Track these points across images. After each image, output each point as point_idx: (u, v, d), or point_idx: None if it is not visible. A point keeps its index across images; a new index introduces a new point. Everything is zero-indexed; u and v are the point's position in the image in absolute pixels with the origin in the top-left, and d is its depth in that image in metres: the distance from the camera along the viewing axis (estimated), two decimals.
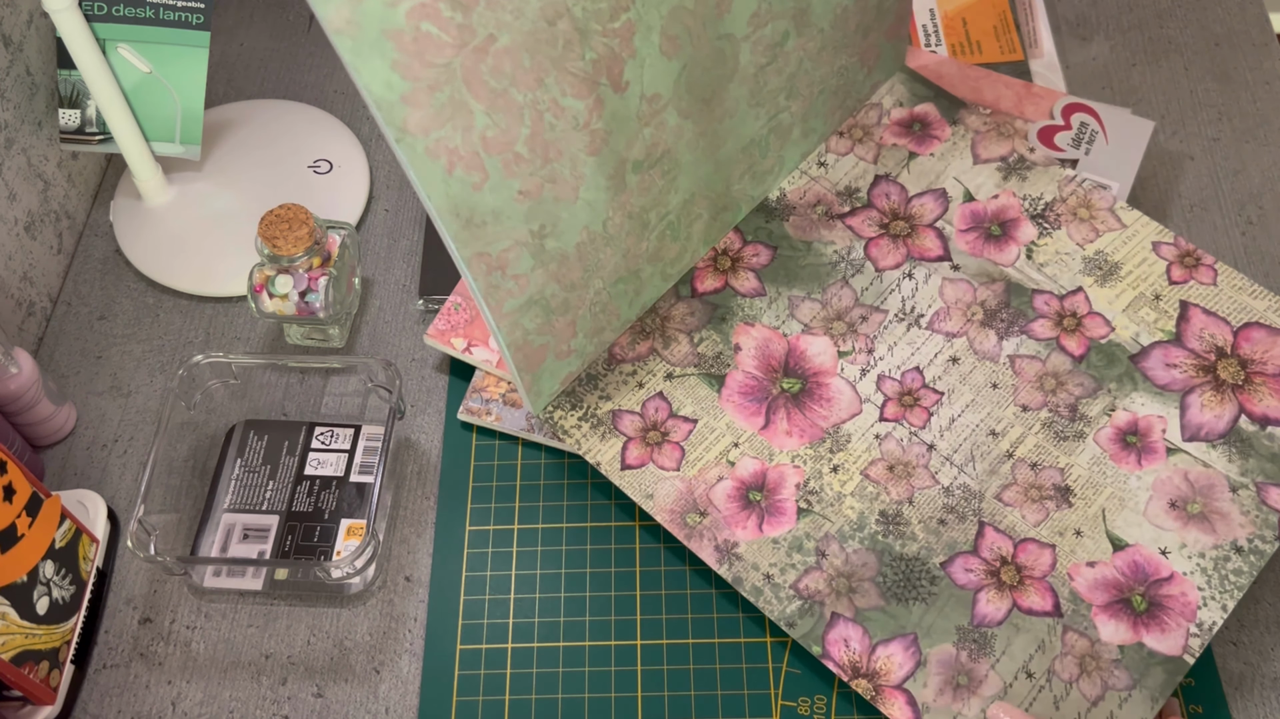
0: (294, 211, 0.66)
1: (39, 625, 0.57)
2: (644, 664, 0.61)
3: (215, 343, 0.73)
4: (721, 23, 0.57)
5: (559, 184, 0.54)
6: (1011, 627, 0.57)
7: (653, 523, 0.65)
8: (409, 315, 0.74)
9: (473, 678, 0.61)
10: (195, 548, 0.64)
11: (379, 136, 0.82)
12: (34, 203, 0.73)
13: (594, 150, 0.54)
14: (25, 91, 0.72)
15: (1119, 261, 0.67)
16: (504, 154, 0.50)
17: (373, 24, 0.44)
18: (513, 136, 0.50)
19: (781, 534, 0.60)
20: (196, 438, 0.67)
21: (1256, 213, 0.75)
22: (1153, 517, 0.60)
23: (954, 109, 0.73)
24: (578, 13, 0.50)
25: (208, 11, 0.70)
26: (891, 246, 0.69)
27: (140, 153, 0.73)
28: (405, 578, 0.64)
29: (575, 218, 0.56)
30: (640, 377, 0.65)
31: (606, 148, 0.55)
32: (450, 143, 0.48)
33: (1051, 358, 0.64)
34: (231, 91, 0.85)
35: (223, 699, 0.61)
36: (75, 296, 0.75)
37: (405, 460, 0.68)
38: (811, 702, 0.60)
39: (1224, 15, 0.85)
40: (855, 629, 0.58)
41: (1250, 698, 0.59)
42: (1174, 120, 0.80)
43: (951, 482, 0.61)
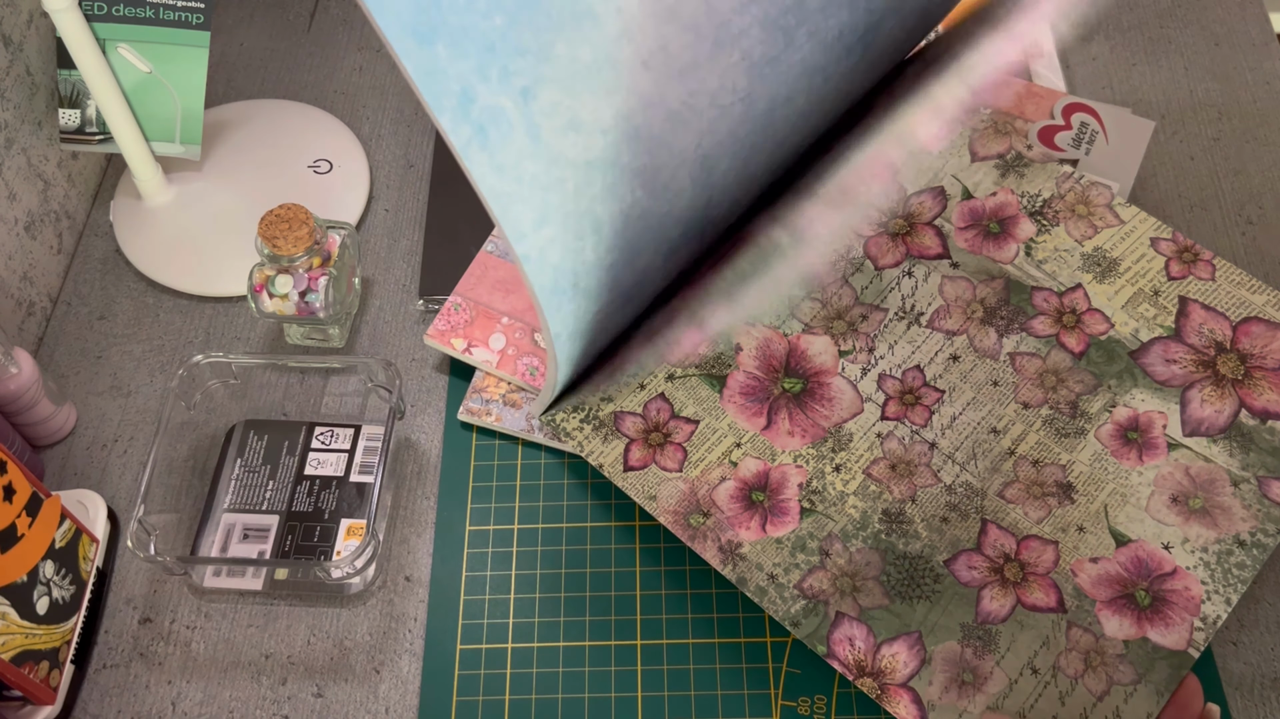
0: (294, 211, 0.66)
1: (39, 625, 0.57)
2: (644, 664, 0.61)
3: (215, 343, 0.73)
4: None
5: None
6: (1016, 623, 0.57)
7: (653, 523, 0.65)
8: (409, 315, 0.74)
9: (473, 678, 0.61)
10: (195, 548, 0.64)
11: (379, 136, 0.82)
12: (34, 203, 0.73)
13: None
14: (25, 91, 0.72)
15: (1118, 258, 0.67)
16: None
17: None
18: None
19: (785, 534, 0.60)
20: (196, 438, 0.67)
21: (1256, 213, 0.75)
22: (1155, 512, 0.60)
23: None
24: None
25: (208, 11, 0.70)
26: (890, 244, 0.69)
27: (140, 153, 0.73)
28: (405, 578, 0.64)
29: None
30: (641, 378, 0.65)
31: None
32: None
33: (1051, 355, 0.64)
34: (231, 91, 0.85)
35: (223, 699, 0.61)
36: (75, 296, 0.75)
37: (405, 460, 0.68)
38: (811, 702, 0.60)
39: (1224, 15, 0.85)
40: (860, 628, 0.58)
41: (1250, 698, 0.59)
42: (1174, 120, 0.80)
43: (954, 480, 0.61)
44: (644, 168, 0.48)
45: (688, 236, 0.54)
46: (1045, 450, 0.62)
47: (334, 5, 0.89)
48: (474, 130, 0.40)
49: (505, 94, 0.41)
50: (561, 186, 0.44)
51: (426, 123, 0.83)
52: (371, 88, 0.84)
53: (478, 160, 0.41)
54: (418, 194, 0.79)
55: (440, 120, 0.39)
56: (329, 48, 0.87)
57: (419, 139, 0.82)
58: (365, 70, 0.85)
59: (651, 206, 0.49)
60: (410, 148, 0.81)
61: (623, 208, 0.48)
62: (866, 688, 0.57)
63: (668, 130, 0.48)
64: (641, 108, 0.46)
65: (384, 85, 0.85)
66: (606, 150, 0.45)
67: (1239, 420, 0.62)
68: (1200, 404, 0.62)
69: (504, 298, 0.69)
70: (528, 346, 0.68)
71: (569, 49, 0.42)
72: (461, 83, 0.39)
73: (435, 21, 0.39)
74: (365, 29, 0.88)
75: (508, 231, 0.43)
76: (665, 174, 0.49)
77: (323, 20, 0.89)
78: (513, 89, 0.41)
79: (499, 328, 0.68)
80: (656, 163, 0.48)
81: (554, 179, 0.44)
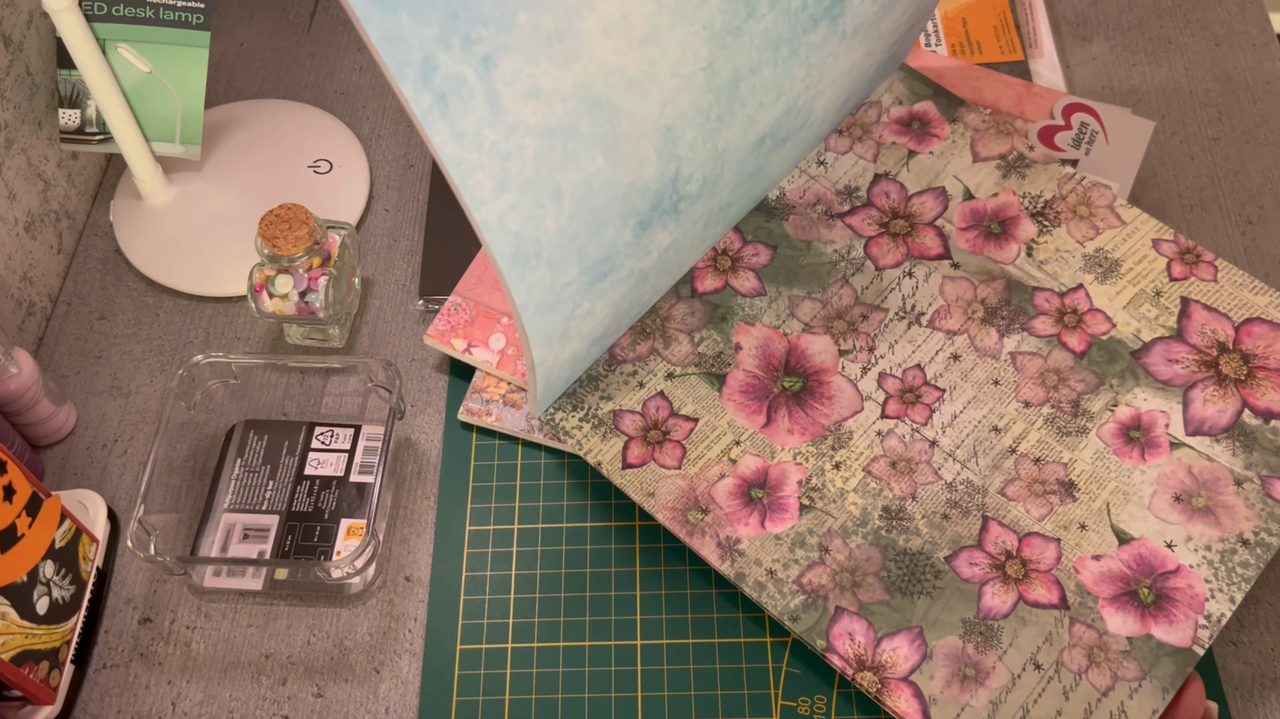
0: (294, 211, 0.66)
1: (39, 625, 0.57)
2: (644, 664, 0.61)
3: (215, 343, 0.73)
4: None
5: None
6: (1018, 619, 0.57)
7: (653, 523, 0.65)
8: (409, 315, 0.74)
9: (473, 678, 0.61)
10: (195, 548, 0.64)
11: (379, 136, 0.82)
12: (34, 203, 0.73)
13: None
14: (25, 91, 0.72)
15: (1119, 259, 0.67)
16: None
17: None
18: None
19: (784, 530, 0.60)
20: (196, 438, 0.67)
21: (1256, 213, 0.75)
22: (1157, 510, 0.60)
23: (953, 107, 0.73)
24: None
25: (208, 11, 0.70)
26: (891, 245, 0.69)
27: (140, 153, 0.73)
28: (405, 578, 0.64)
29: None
30: (641, 376, 0.65)
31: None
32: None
33: (1053, 354, 0.64)
34: (231, 91, 0.85)
35: (223, 699, 0.61)
36: (75, 297, 0.75)
37: (405, 460, 0.68)
38: (811, 702, 0.60)
39: (1224, 15, 0.85)
40: (860, 623, 0.58)
41: (1250, 698, 0.59)
42: (1174, 120, 0.80)
43: (954, 477, 0.61)
44: (605, 136, 0.48)
45: (658, 210, 0.55)
46: (1047, 448, 0.62)
47: (334, 5, 0.89)
48: (435, 98, 0.41)
49: (467, 62, 0.41)
50: (521, 154, 0.45)
51: None
52: (371, 88, 0.84)
53: (438, 128, 0.41)
54: (418, 194, 0.79)
55: (401, 88, 0.40)
56: (329, 48, 0.87)
57: (419, 139, 0.82)
58: (365, 70, 0.85)
59: (614, 176, 0.50)
60: (410, 148, 0.81)
61: (584, 176, 0.48)
62: (866, 682, 0.56)
63: (629, 99, 0.48)
64: (601, 76, 0.46)
65: (384, 85, 0.85)
66: (566, 118, 0.46)
67: (1242, 420, 0.62)
68: (1203, 404, 0.62)
69: (504, 298, 0.69)
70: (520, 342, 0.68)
71: (531, 17, 0.42)
72: (423, 51, 0.40)
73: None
74: None
75: (467, 199, 0.44)
76: (627, 143, 0.49)
77: (323, 20, 0.89)
78: (474, 57, 0.41)
79: (499, 328, 0.68)
80: (618, 131, 0.48)
81: (514, 146, 0.44)
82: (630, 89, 0.48)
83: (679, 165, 0.54)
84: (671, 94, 0.50)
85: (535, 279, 0.50)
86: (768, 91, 0.56)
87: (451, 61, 0.41)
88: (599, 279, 0.55)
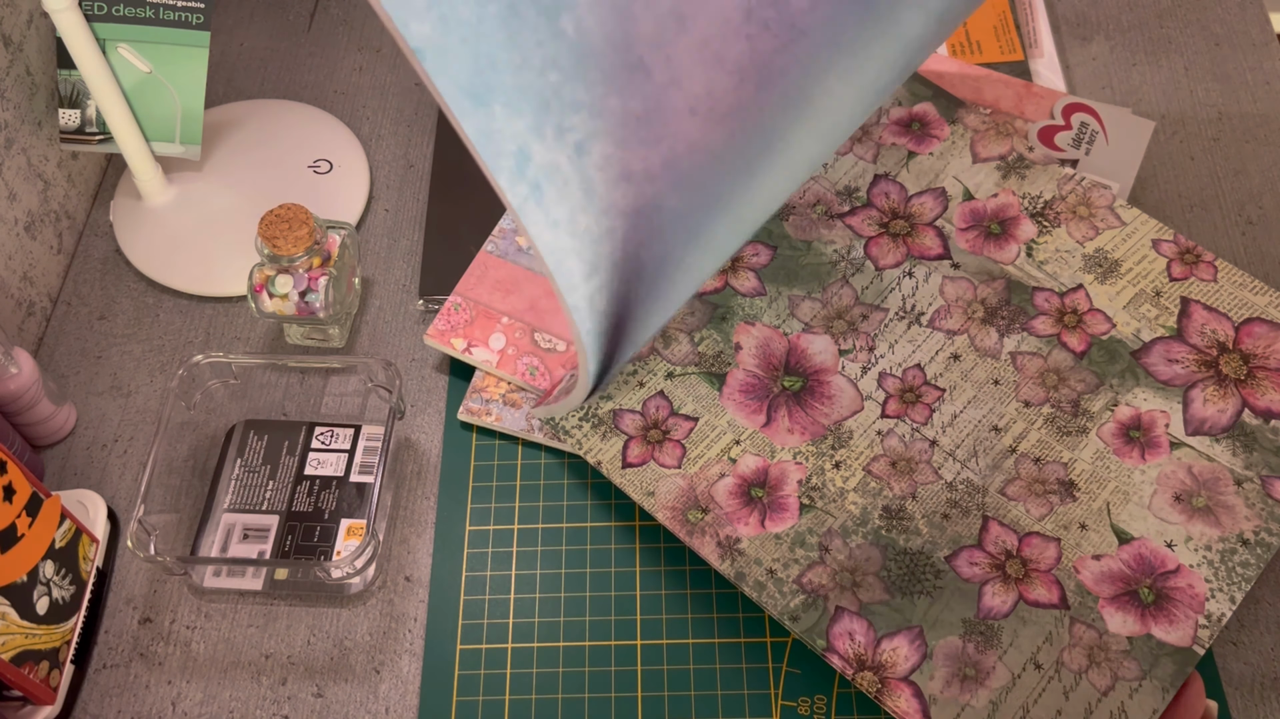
0: (294, 211, 0.66)
1: (39, 625, 0.57)
2: (644, 664, 0.61)
3: (215, 343, 0.73)
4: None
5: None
6: (1018, 619, 0.57)
7: (653, 523, 0.65)
8: (409, 315, 0.74)
9: (473, 678, 0.61)
10: (195, 548, 0.64)
11: (379, 136, 0.82)
12: (34, 203, 0.73)
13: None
14: (25, 91, 0.72)
15: (1119, 259, 0.67)
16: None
17: None
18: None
19: (784, 530, 0.60)
20: (196, 438, 0.67)
21: (1256, 213, 0.75)
22: (1157, 510, 0.60)
23: (952, 108, 0.73)
24: None
25: (208, 11, 0.70)
26: (891, 245, 0.69)
27: (140, 153, 0.73)
28: (405, 578, 0.64)
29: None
30: (641, 376, 0.65)
31: None
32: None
33: (1053, 354, 0.64)
34: (231, 91, 0.85)
35: (223, 699, 0.61)
36: (75, 297, 0.75)
37: (405, 460, 0.68)
38: (811, 702, 0.60)
39: (1224, 15, 0.85)
40: (860, 623, 0.58)
41: (1250, 698, 0.59)
42: (1174, 120, 0.80)
43: (954, 477, 0.61)
44: (686, 211, 0.48)
45: (716, 267, 0.56)
46: (1047, 448, 0.62)
47: (334, 5, 0.90)
48: (530, 189, 0.40)
49: (560, 150, 0.41)
50: (612, 236, 0.45)
51: (426, 123, 0.83)
52: (371, 88, 0.84)
53: (534, 218, 0.41)
54: (418, 194, 0.79)
55: (498, 180, 0.39)
56: (329, 48, 0.87)
57: (419, 139, 0.82)
58: (365, 70, 0.85)
59: (686, 257, 0.50)
60: (410, 148, 0.81)
61: (665, 251, 0.48)
62: (866, 682, 0.56)
63: (710, 175, 0.48)
64: (687, 153, 0.46)
65: (384, 85, 0.85)
66: (655, 197, 0.46)
67: (1242, 420, 0.62)
68: (1203, 403, 0.62)
69: (504, 298, 0.69)
70: (528, 346, 0.68)
71: (621, 101, 0.42)
72: (518, 142, 0.39)
73: (491, 82, 0.38)
74: (365, 29, 0.88)
75: (561, 285, 0.44)
76: (703, 219, 0.50)
77: (323, 20, 0.89)
78: (567, 145, 0.41)
79: (499, 328, 0.68)
80: (694, 205, 0.49)
81: (604, 229, 0.44)
82: (714, 162, 0.48)
83: (742, 229, 0.55)
84: (747, 164, 0.51)
85: (609, 348, 0.50)
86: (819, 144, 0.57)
87: (545, 151, 0.40)
88: (650, 332, 0.56)
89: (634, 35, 0.42)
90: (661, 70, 0.43)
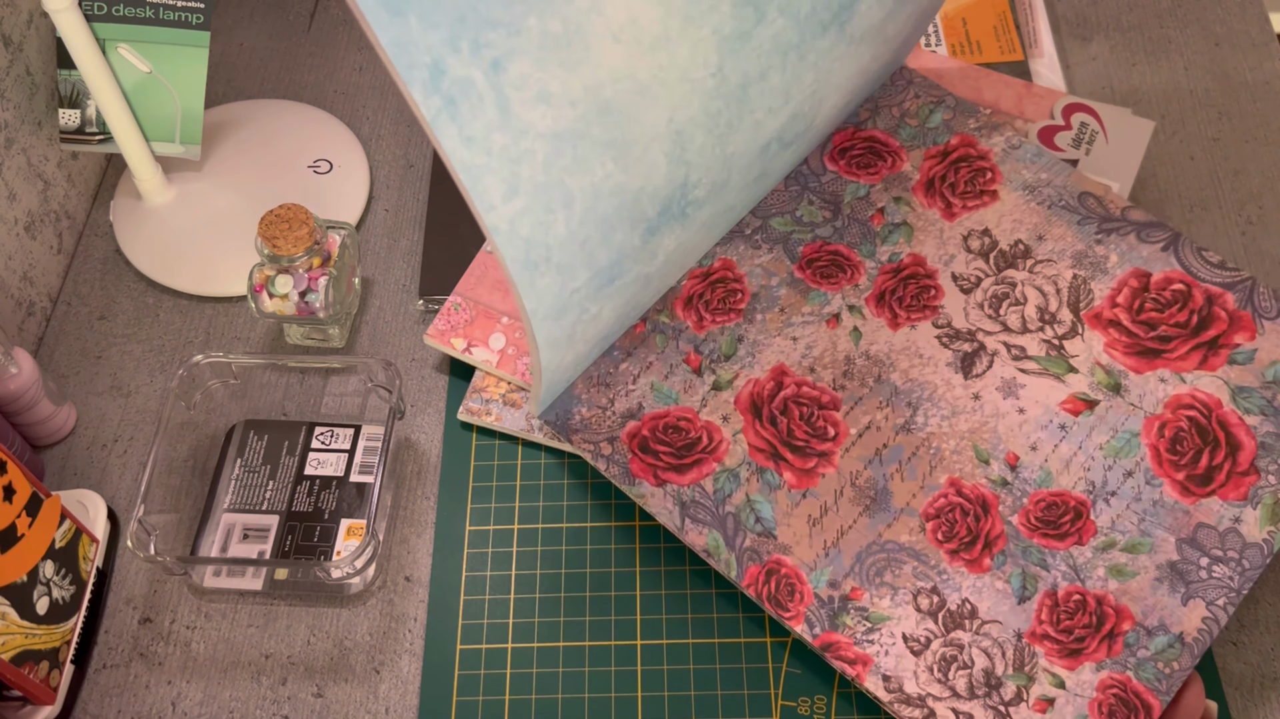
0: (294, 211, 0.66)
1: (39, 625, 0.57)
2: (644, 664, 0.61)
3: (215, 343, 0.73)
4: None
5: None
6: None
7: (653, 523, 0.65)
8: (409, 315, 0.74)
9: (473, 678, 0.61)
10: (195, 548, 0.64)
11: (379, 136, 0.82)
12: (34, 203, 0.73)
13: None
14: (25, 91, 0.72)
15: None
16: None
17: None
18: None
19: None
20: (196, 438, 0.67)
21: (1256, 213, 0.75)
22: None
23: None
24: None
25: (208, 11, 0.70)
26: None
27: (140, 153, 0.73)
28: (405, 578, 0.64)
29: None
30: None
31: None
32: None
33: None
34: (231, 91, 0.85)
35: (223, 699, 0.61)
36: (75, 297, 0.75)
37: (405, 460, 0.68)
38: (811, 702, 0.60)
39: (1224, 15, 0.85)
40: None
41: (1250, 698, 0.59)
42: (1174, 120, 0.80)
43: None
44: (614, 140, 0.48)
45: (667, 215, 0.55)
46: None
47: (334, 5, 0.89)
48: (444, 102, 0.41)
49: (476, 66, 0.41)
50: (530, 158, 0.45)
51: None
52: (371, 88, 0.84)
53: (448, 132, 0.41)
54: (418, 194, 0.79)
55: (410, 91, 0.40)
56: (329, 48, 0.87)
57: (419, 139, 0.82)
58: (365, 70, 0.85)
59: (624, 181, 0.50)
60: (410, 148, 0.81)
61: (594, 181, 0.48)
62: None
63: (638, 104, 0.48)
64: (611, 80, 0.46)
65: (384, 85, 0.85)
66: (576, 122, 0.46)
67: None
68: None
69: (504, 298, 0.69)
70: (527, 346, 0.68)
71: (540, 21, 0.42)
72: (432, 54, 0.40)
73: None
74: None
75: (477, 203, 0.44)
76: (637, 148, 0.49)
77: (323, 20, 0.89)
78: (483, 61, 0.41)
79: (499, 327, 0.68)
80: (627, 136, 0.48)
81: (523, 151, 0.44)
82: (640, 94, 0.48)
83: (688, 170, 0.54)
84: (681, 99, 0.50)
85: (545, 285, 0.50)
86: (776, 97, 0.56)
87: (460, 65, 0.41)
88: (607, 284, 0.55)
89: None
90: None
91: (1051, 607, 0.57)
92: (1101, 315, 0.64)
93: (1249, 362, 0.61)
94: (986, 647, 0.57)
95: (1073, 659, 0.56)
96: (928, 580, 0.58)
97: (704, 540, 0.60)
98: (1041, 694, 0.55)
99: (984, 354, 0.63)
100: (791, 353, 0.64)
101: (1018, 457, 0.60)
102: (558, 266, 0.50)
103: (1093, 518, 0.59)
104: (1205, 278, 0.64)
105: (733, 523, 0.60)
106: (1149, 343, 0.63)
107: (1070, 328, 0.64)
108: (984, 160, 0.69)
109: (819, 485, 0.60)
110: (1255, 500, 0.58)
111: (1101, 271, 0.65)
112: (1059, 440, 0.61)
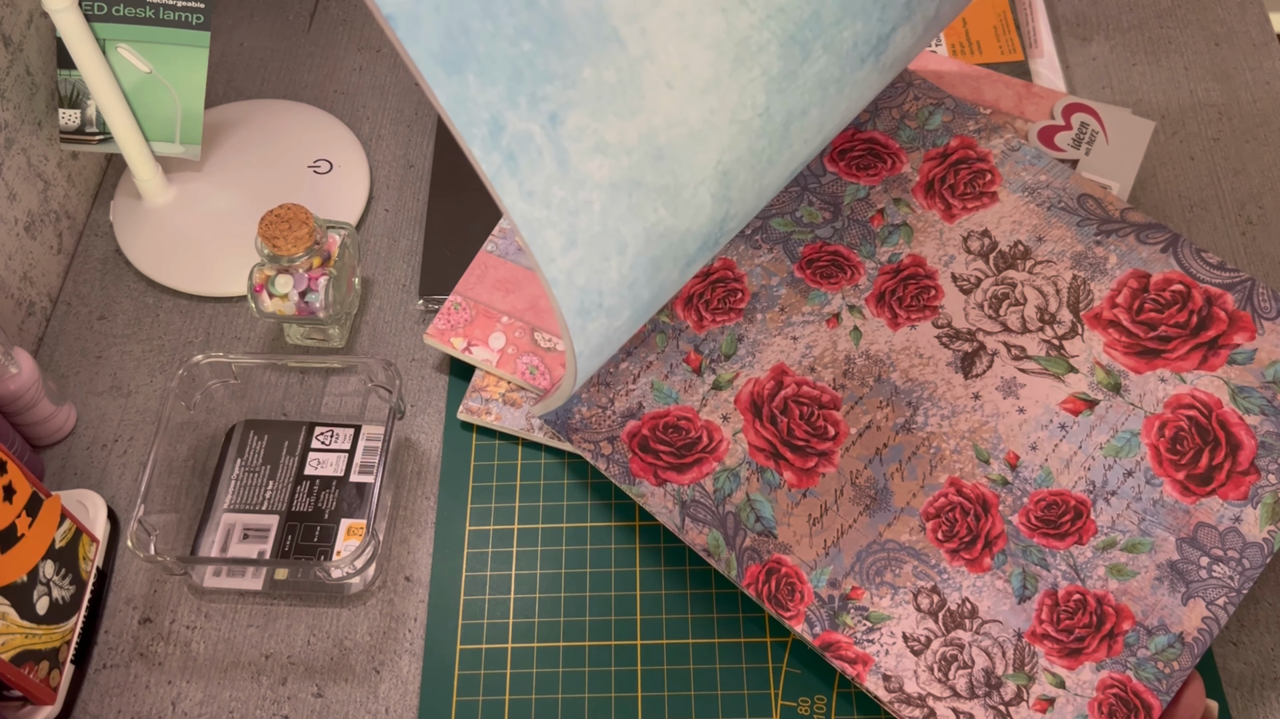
0: (294, 211, 0.66)
1: (39, 625, 0.57)
2: (644, 664, 0.61)
3: (215, 343, 0.73)
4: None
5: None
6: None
7: (653, 523, 0.65)
8: (409, 315, 0.74)
9: (473, 678, 0.61)
10: (195, 548, 0.64)
11: (379, 136, 0.82)
12: (34, 203, 0.73)
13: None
14: (25, 91, 0.72)
15: None
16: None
17: None
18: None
19: None
20: (196, 438, 0.67)
21: (1256, 213, 0.75)
22: None
23: None
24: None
25: (208, 11, 0.70)
26: None
27: (140, 153, 0.73)
28: (405, 578, 0.64)
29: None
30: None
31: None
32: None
33: None
34: (231, 91, 0.85)
35: (223, 699, 0.61)
36: (75, 296, 0.75)
37: (405, 460, 0.68)
38: (811, 702, 0.60)
39: (1224, 15, 0.85)
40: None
41: (1250, 698, 0.59)
42: (1174, 120, 0.80)
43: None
44: (667, 186, 0.48)
45: (704, 250, 0.55)
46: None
47: (334, 5, 0.89)
48: (504, 158, 0.41)
49: (534, 119, 0.41)
50: (589, 209, 0.45)
51: (426, 123, 0.83)
52: (371, 88, 0.84)
53: (508, 188, 0.41)
54: (418, 194, 0.79)
55: (471, 149, 0.39)
56: (329, 48, 0.87)
57: (419, 139, 0.82)
58: (365, 70, 0.85)
59: (674, 224, 0.50)
60: (410, 148, 0.81)
61: (646, 226, 0.48)
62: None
63: (690, 148, 0.48)
64: (665, 127, 0.46)
65: (384, 85, 0.85)
66: (631, 170, 0.46)
67: None
68: None
69: (504, 297, 0.69)
70: (527, 345, 0.68)
71: (595, 71, 0.42)
72: (490, 110, 0.39)
73: (464, 49, 0.39)
74: (365, 29, 0.88)
75: (538, 256, 0.44)
76: (686, 192, 0.49)
77: (323, 20, 0.89)
78: (541, 114, 0.41)
79: (499, 327, 0.68)
80: (679, 180, 0.48)
81: (581, 202, 0.44)
82: (691, 138, 0.48)
83: (729, 207, 0.54)
84: (729, 141, 0.50)
85: (594, 328, 0.50)
86: (813, 130, 0.56)
87: (519, 119, 0.41)
88: (643, 316, 0.55)
89: (608, 6, 0.42)
90: (636, 42, 0.44)
91: (1052, 606, 0.57)
92: (1101, 316, 0.64)
93: (1249, 361, 0.61)
94: (987, 646, 0.57)
95: (1073, 659, 0.56)
96: (928, 580, 0.58)
97: (704, 540, 0.60)
98: (1042, 694, 0.55)
99: (984, 354, 0.63)
100: (792, 352, 0.64)
101: (1018, 456, 0.60)
102: (608, 310, 0.50)
103: (1093, 517, 0.59)
104: (1204, 279, 0.64)
105: (733, 522, 0.60)
106: (1149, 343, 0.63)
107: (1070, 328, 0.64)
108: (984, 162, 0.69)
109: (819, 485, 0.60)
110: (1255, 500, 0.58)
111: (1101, 272, 0.65)
112: (1059, 440, 0.61)
